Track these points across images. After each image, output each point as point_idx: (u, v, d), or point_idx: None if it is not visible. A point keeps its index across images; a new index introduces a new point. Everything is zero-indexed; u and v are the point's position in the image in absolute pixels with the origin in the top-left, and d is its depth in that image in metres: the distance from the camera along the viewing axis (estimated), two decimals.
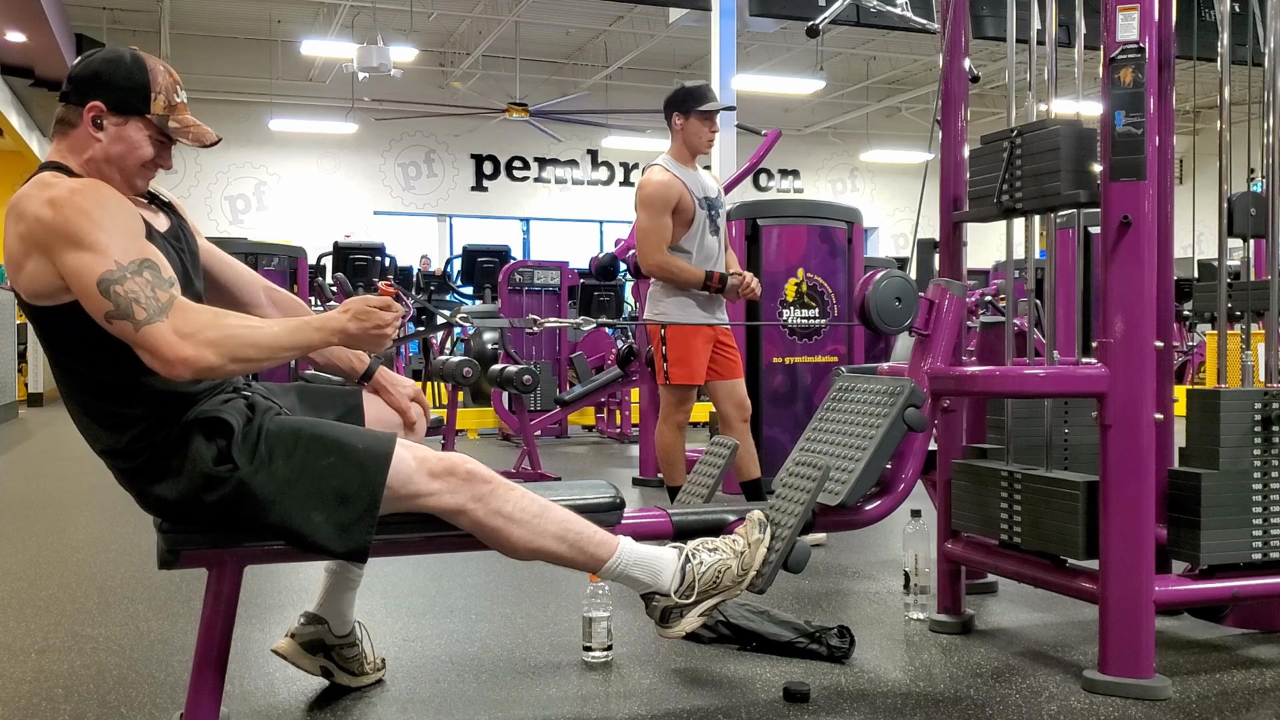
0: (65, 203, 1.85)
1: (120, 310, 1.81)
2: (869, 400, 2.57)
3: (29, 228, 1.87)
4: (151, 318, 1.81)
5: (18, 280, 1.92)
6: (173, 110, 2.00)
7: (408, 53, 13.42)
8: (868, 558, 3.87)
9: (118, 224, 1.88)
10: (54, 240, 1.84)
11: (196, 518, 1.99)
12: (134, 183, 2.02)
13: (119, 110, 1.97)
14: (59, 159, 2.00)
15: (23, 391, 11.99)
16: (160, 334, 1.81)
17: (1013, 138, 2.65)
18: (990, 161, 2.73)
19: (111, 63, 1.98)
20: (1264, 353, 2.70)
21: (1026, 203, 2.63)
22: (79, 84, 1.98)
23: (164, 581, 3.52)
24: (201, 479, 1.94)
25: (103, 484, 6.17)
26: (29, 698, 2.44)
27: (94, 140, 1.97)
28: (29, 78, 11.04)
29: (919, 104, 18.22)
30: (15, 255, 1.89)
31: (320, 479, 1.96)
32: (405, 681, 2.54)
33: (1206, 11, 8.26)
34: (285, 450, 1.98)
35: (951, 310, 2.69)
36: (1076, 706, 2.33)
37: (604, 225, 18.38)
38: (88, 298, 1.83)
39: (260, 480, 1.95)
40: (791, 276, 5.52)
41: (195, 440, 1.96)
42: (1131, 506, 2.41)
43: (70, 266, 1.84)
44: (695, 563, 2.18)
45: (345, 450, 1.98)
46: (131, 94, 1.97)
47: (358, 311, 1.96)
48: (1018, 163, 2.65)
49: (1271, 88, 2.68)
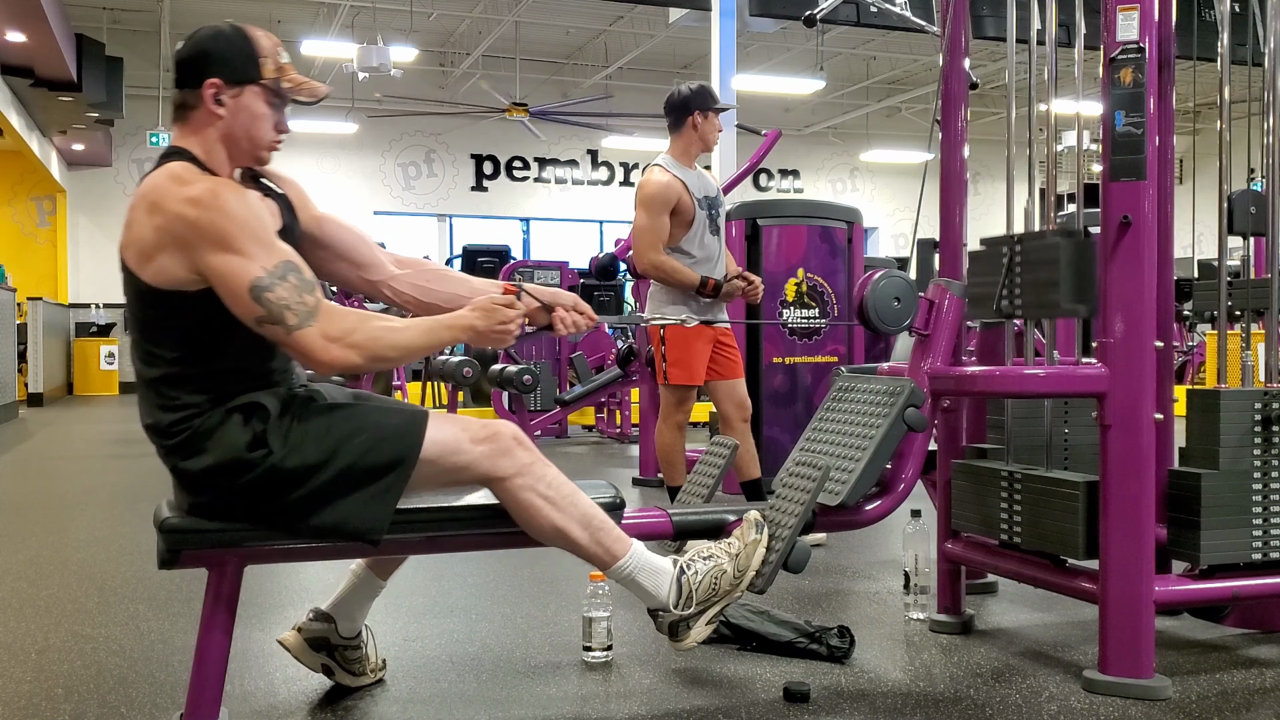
0: (209, 204, 1.89)
1: (272, 316, 1.90)
2: (869, 400, 2.57)
3: (168, 223, 1.91)
4: (302, 323, 1.91)
5: (141, 267, 1.95)
6: (281, 72, 2.05)
7: (408, 53, 13.42)
8: (868, 558, 3.87)
9: (259, 226, 1.94)
10: (199, 241, 1.89)
11: (223, 500, 2.01)
12: (260, 153, 2.07)
13: (234, 81, 2.00)
14: (183, 144, 2.03)
15: (23, 391, 11.99)
16: (311, 339, 1.92)
17: (1013, 245, 2.70)
18: (991, 264, 2.77)
19: (215, 38, 2.02)
20: (1264, 352, 2.70)
21: (1026, 311, 2.66)
22: (190, 65, 2.01)
23: (164, 581, 3.52)
24: (233, 463, 1.96)
25: (103, 484, 6.20)
26: (29, 698, 2.44)
27: (216, 117, 2.01)
28: (29, 78, 11.02)
29: (919, 104, 18.21)
30: (147, 245, 1.93)
31: (353, 458, 1.98)
32: (405, 681, 2.54)
33: (1206, 11, 8.26)
34: (318, 434, 1.99)
35: (951, 310, 2.69)
36: (1076, 706, 2.33)
37: (604, 225, 18.37)
38: (238, 301, 1.90)
39: (292, 463, 1.97)
40: (791, 276, 5.52)
41: (231, 423, 1.99)
42: (1131, 506, 2.41)
43: (217, 269, 1.90)
44: (690, 573, 2.19)
45: (378, 426, 2.01)
46: (243, 63, 2.00)
47: (487, 310, 2.06)
48: (1017, 270, 2.69)
49: (1271, 88, 2.68)
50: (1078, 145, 2.75)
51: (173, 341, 1.99)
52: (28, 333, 12.19)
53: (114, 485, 6.01)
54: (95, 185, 15.64)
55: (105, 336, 15.33)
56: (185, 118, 2.03)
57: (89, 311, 15.51)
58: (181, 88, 2.02)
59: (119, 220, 2.64)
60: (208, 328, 1.97)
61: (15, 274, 13.20)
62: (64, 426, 9.90)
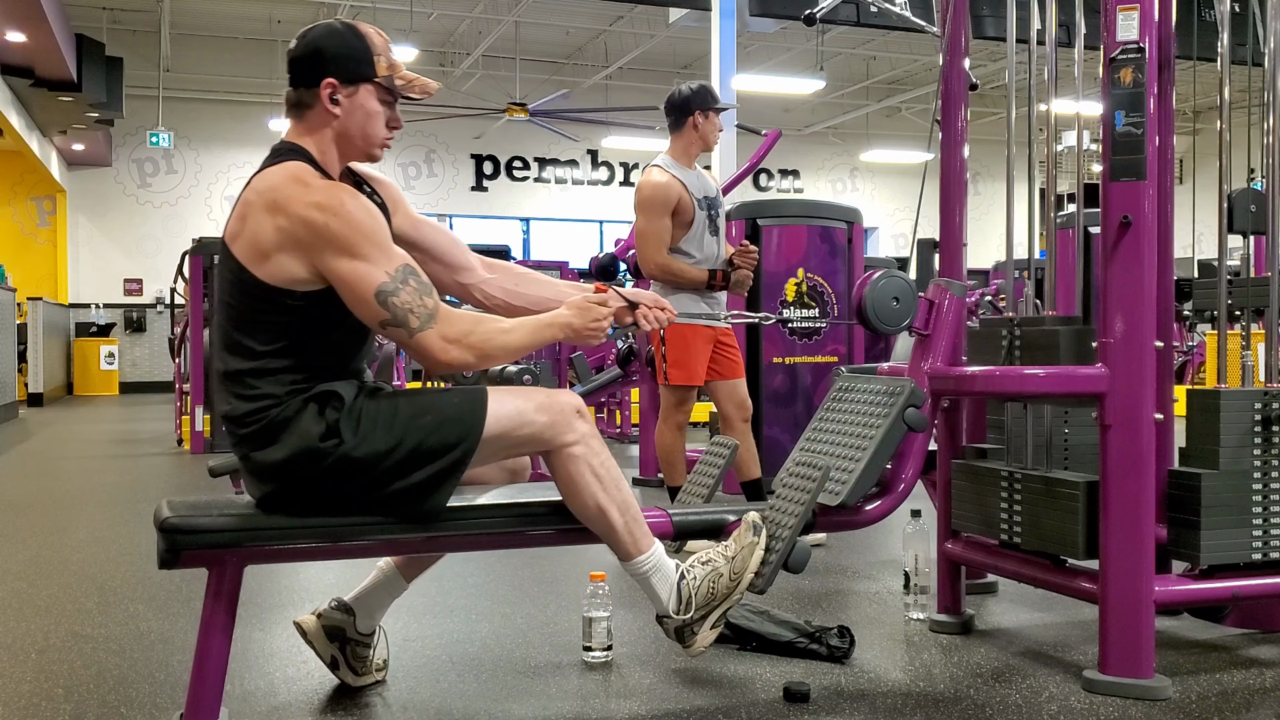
0: (335, 210, 1.96)
1: (396, 319, 1.99)
2: (869, 400, 2.57)
3: (292, 225, 1.97)
4: (423, 325, 2.00)
5: (256, 263, 2.00)
6: (394, 69, 2.09)
7: (408, 53, 13.42)
8: (868, 558, 3.87)
9: (380, 232, 2.00)
10: (324, 246, 1.96)
11: (295, 488, 2.04)
12: (373, 151, 2.12)
13: (349, 80, 2.05)
14: (298, 142, 2.08)
15: (23, 391, 11.99)
16: (432, 340, 2.01)
17: (1012, 329, 2.71)
18: (989, 345, 2.81)
19: (330, 36, 2.06)
20: (1264, 352, 2.70)
21: (1025, 394, 2.69)
22: (306, 64, 2.06)
23: (164, 581, 3.52)
24: (306, 451, 2.00)
25: (103, 484, 6.20)
26: (29, 698, 2.44)
27: (332, 116, 2.06)
28: (29, 78, 11.02)
29: (919, 104, 18.21)
30: (265, 243, 1.98)
31: (419, 438, 2.03)
32: (405, 681, 2.54)
33: (1206, 11, 8.26)
34: (386, 421, 2.04)
35: (951, 310, 2.69)
36: (1076, 706, 2.33)
37: (604, 225, 18.37)
38: (364, 305, 1.98)
39: (363, 452, 2.01)
40: (791, 276, 5.52)
41: (307, 413, 2.03)
42: (1131, 506, 2.41)
43: (343, 274, 1.97)
44: (689, 579, 2.21)
45: (440, 407, 2.06)
46: (357, 62, 2.05)
47: (581, 308, 2.16)
48: (1016, 353, 2.74)
49: (1271, 88, 2.68)
50: (1078, 145, 2.75)
51: (267, 335, 2.04)
52: (28, 333, 12.19)
53: (114, 485, 6.01)
54: (95, 185, 15.64)
55: (105, 336, 15.34)
56: (301, 115, 2.09)
57: (89, 311, 15.51)
58: (296, 86, 2.08)
59: (119, 220, 2.63)
60: (304, 325, 2.04)
61: (15, 274, 13.20)
62: (64, 426, 9.90)
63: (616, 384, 7.86)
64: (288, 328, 2.04)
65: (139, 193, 15.83)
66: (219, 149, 16.15)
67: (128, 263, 15.79)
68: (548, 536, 2.29)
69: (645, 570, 2.19)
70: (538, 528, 2.24)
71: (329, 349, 2.09)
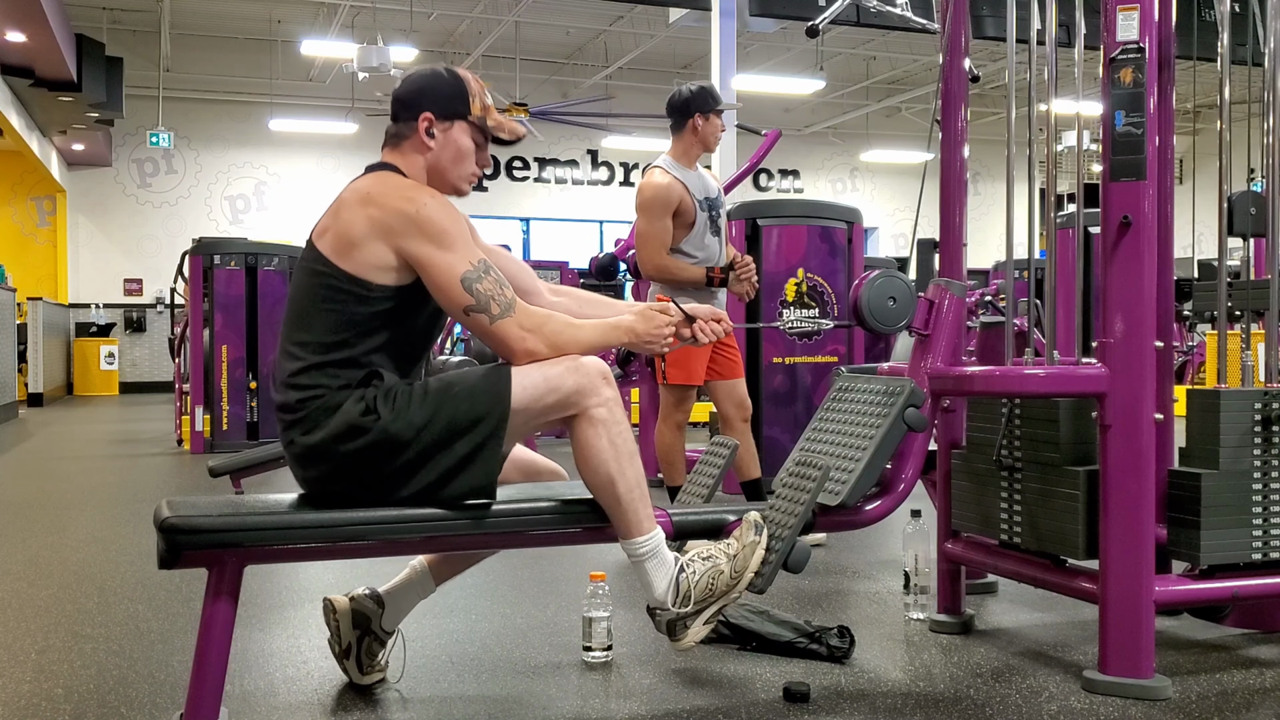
0: (426, 202, 2.11)
1: (480, 305, 2.10)
2: (869, 400, 2.57)
3: (384, 215, 2.10)
4: (504, 313, 2.12)
5: (341, 254, 2.10)
6: (486, 111, 2.24)
7: (408, 53, 13.42)
8: (868, 558, 3.87)
9: (464, 229, 2.15)
10: (416, 234, 2.09)
11: (338, 470, 2.09)
12: (461, 186, 2.27)
13: (446, 116, 2.22)
14: (390, 162, 2.23)
15: (23, 391, 12.00)
16: (510, 328, 2.12)
17: (1013, 401, 2.73)
18: (988, 413, 2.83)
19: (432, 77, 2.26)
20: (1264, 353, 2.70)
21: (1026, 468, 2.71)
22: (408, 101, 2.23)
23: (164, 581, 3.52)
24: (346, 428, 2.07)
25: (103, 484, 6.20)
26: (29, 698, 2.44)
27: (426, 148, 2.23)
28: (29, 78, 11.02)
29: (919, 104, 18.21)
30: (355, 233, 2.10)
31: (454, 410, 2.09)
32: (405, 681, 2.54)
33: (1206, 11, 8.27)
34: (419, 398, 2.10)
35: (951, 310, 2.69)
36: (1076, 706, 2.33)
37: (604, 225, 18.37)
38: (449, 289, 2.10)
39: (398, 427, 2.07)
40: (791, 276, 5.52)
41: (350, 398, 2.09)
42: (1131, 506, 2.41)
43: (430, 259, 2.09)
44: (689, 572, 2.22)
45: (467, 381, 2.13)
46: (454, 100, 2.23)
47: (645, 315, 2.30)
48: (1016, 424, 2.75)
49: (1271, 88, 2.68)
50: (1078, 145, 2.75)
51: (331, 328, 2.11)
52: (28, 333, 12.19)
53: (114, 485, 6.01)
54: (95, 185, 15.64)
55: (105, 336, 15.34)
56: (398, 145, 2.25)
57: (89, 311, 15.51)
58: (397, 120, 2.25)
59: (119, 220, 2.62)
60: (372, 320, 2.12)
61: (15, 274, 13.21)
62: (64, 426, 9.90)
63: (616, 384, 7.86)
64: (354, 321, 2.11)
65: (139, 193, 15.83)
66: (219, 149, 16.14)
67: (128, 263, 15.79)
68: (548, 536, 2.29)
69: (643, 553, 2.20)
70: (538, 528, 2.24)
71: (390, 348, 2.16)
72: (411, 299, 2.14)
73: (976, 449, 2.90)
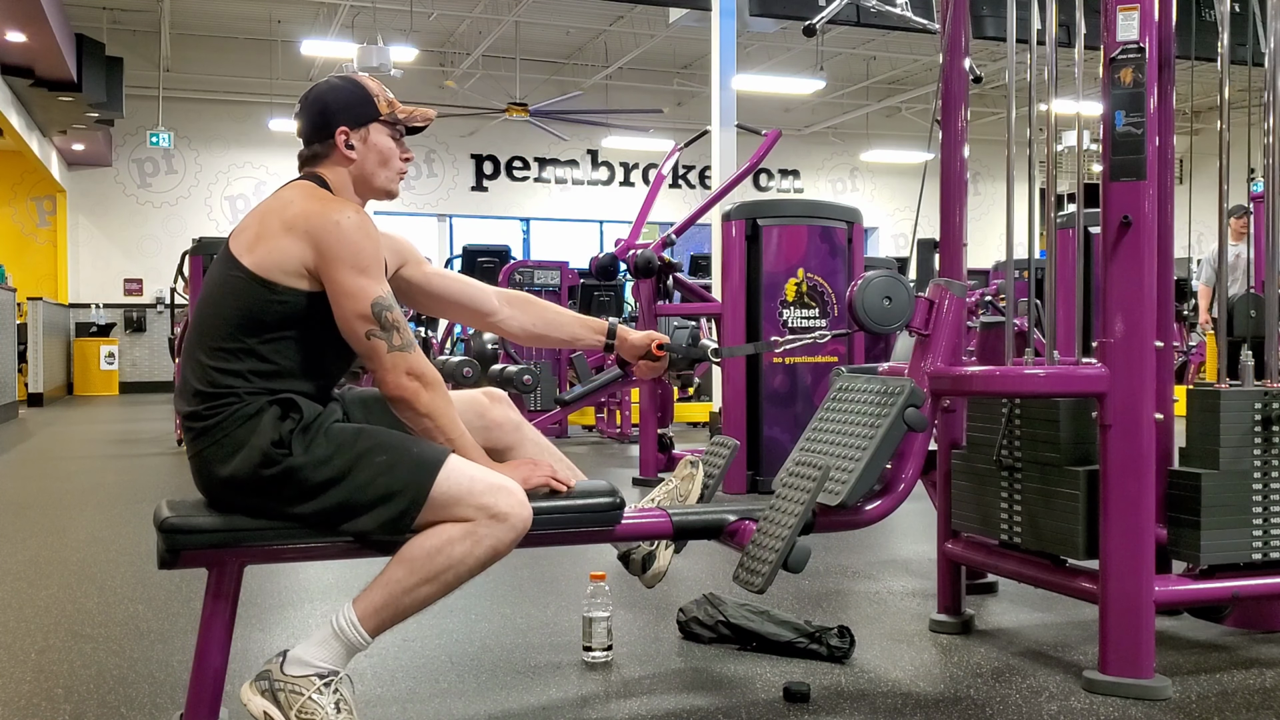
0: (345, 217, 2.05)
1: (384, 332, 2.04)
2: (869, 400, 2.57)
3: (305, 225, 2.03)
4: (405, 346, 2.05)
5: (256, 247, 2.05)
6: (393, 106, 2.21)
7: (408, 53, 13.41)
8: (868, 558, 3.87)
9: (380, 255, 2.10)
10: (328, 249, 2.03)
11: (241, 486, 2.01)
12: (391, 186, 2.23)
13: (359, 124, 2.18)
14: (317, 173, 2.18)
15: (23, 391, 11.99)
16: (405, 361, 2.05)
17: (1013, 401, 2.73)
18: (988, 412, 2.83)
19: (331, 91, 2.20)
20: (1264, 353, 2.70)
21: (1026, 468, 2.71)
22: (316, 120, 2.18)
23: (164, 581, 3.52)
24: (258, 454, 1.99)
25: (103, 484, 6.20)
26: (29, 698, 2.44)
27: (349, 160, 2.18)
28: (29, 78, 11.02)
29: (919, 104, 18.21)
30: (271, 229, 2.05)
31: (371, 474, 2.00)
32: (405, 681, 2.54)
33: (1206, 11, 8.27)
34: (344, 447, 2.02)
35: (951, 310, 2.69)
36: (1076, 706, 2.33)
37: (604, 225, 18.38)
38: (356, 311, 2.03)
39: (308, 472, 1.99)
40: (791, 276, 5.52)
41: (267, 416, 2.02)
42: (1131, 506, 2.41)
43: (344, 281, 2.03)
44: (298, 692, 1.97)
45: (400, 452, 2.03)
46: (363, 106, 2.18)
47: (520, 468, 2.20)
48: (1016, 424, 2.75)
49: (1271, 88, 2.68)
50: (1078, 145, 2.75)
51: (240, 326, 2.05)
52: (28, 333, 12.19)
53: (114, 485, 6.01)
54: (95, 185, 15.64)
55: (105, 336, 15.34)
56: (317, 164, 2.19)
57: (89, 311, 15.51)
58: (311, 144, 2.20)
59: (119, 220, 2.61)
60: (282, 325, 2.06)
61: (15, 274, 13.20)
62: (64, 426, 9.90)
63: (616, 384, 7.86)
64: (263, 324, 2.04)
65: (139, 193, 15.83)
66: (219, 149, 16.14)
67: (128, 263, 15.79)
68: (548, 536, 2.28)
69: (340, 627, 2.00)
70: (539, 528, 2.24)
71: (300, 354, 2.08)
72: (324, 307, 2.06)
73: (976, 449, 2.91)
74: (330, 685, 1.97)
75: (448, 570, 2.00)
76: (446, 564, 2.00)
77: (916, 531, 4.29)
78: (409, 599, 2.01)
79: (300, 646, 2.01)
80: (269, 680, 1.98)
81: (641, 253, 5.75)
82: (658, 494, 2.52)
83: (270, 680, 1.98)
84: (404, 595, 2.01)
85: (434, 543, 2.00)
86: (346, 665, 2.01)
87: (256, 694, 1.99)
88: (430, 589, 2.01)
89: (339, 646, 2.00)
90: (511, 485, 2.06)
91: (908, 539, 4.21)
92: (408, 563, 2.00)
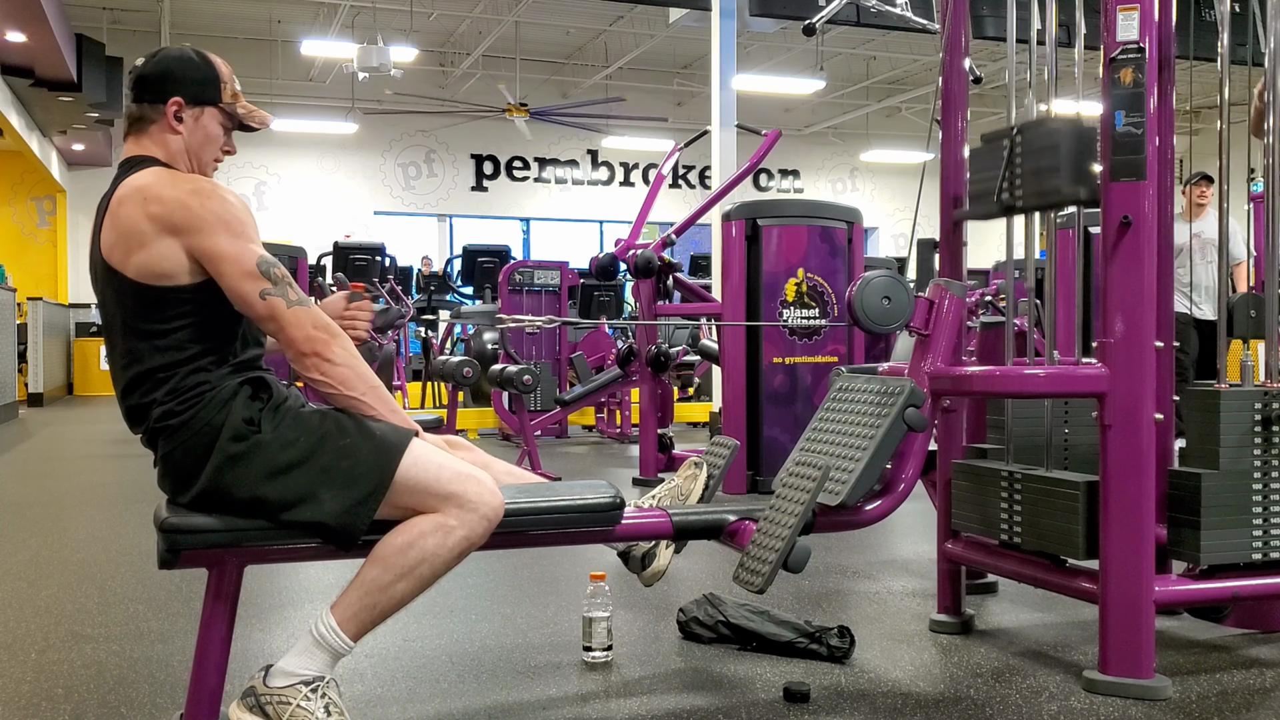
0: (210, 193, 2.01)
1: (278, 289, 1.98)
2: (869, 400, 2.57)
3: (169, 210, 1.97)
4: (302, 300, 2.01)
5: (131, 257, 1.98)
6: (236, 98, 2.17)
7: (408, 53, 13.42)
8: (868, 558, 3.87)
9: (251, 219, 2.05)
10: (202, 225, 1.97)
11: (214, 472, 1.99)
12: (207, 170, 2.17)
13: (196, 102, 2.11)
14: (145, 153, 2.11)
15: (23, 391, 11.99)
16: (308, 315, 2.00)
17: (1013, 135, 2.64)
18: (990, 159, 2.73)
19: (181, 60, 2.13)
20: (1264, 353, 2.70)
21: (1026, 200, 2.62)
22: (154, 83, 2.10)
23: (164, 581, 3.52)
24: (230, 430, 1.98)
25: (103, 484, 6.19)
26: (29, 697, 2.44)
27: (175, 133, 2.11)
28: (29, 78, 11.03)
29: (919, 104, 18.21)
30: (141, 233, 1.98)
31: (335, 457, 1.98)
32: (405, 681, 2.54)
33: (1206, 11, 8.26)
34: (309, 429, 2.01)
35: (951, 310, 2.69)
36: (1076, 706, 2.33)
37: (604, 225, 18.38)
38: (244, 276, 1.97)
39: (274, 450, 1.98)
40: (791, 276, 5.52)
41: (239, 397, 2.01)
42: (1131, 506, 2.41)
43: (222, 250, 1.97)
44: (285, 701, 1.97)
45: (365, 433, 2.01)
46: (205, 86, 2.12)
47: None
48: (1018, 160, 2.64)
49: (1271, 88, 2.68)
50: None
51: (165, 331, 2.00)
52: (28, 333, 12.19)
53: (114, 485, 6.01)
54: (95, 185, 15.62)
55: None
56: (143, 129, 2.12)
57: (89, 311, 15.49)
58: (140, 102, 2.11)
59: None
60: (179, 321, 2.01)
61: (15, 274, 13.20)
62: (64, 426, 9.90)
63: (616, 384, 7.86)
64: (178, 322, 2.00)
65: None
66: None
67: None
68: (548, 536, 2.29)
69: (320, 634, 1.99)
70: (538, 528, 2.24)
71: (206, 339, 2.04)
72: (213, 294, 2.01)
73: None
74: (317, 690, 1.96)
75: (422, 564, 1.99)
76: (420, 557, 1.99)
77: (916, 531, 4.29)
78: (386, 598, 2.00)
79: (283, 659, 2.00)
80: (255, 696, 1.97)
81: (641, 253, 5.75)
82: (660, 491, 2.53)
83: (256, 696, 1.97)
84: (381, 594, 1.99)
85: (405, 538, 1.99)
86: (332, 671, 2.00)
87: (245, 711, 1.98)
88: (406, 585, 2.00)
89: (321, 654, 1.99)
90: (480, 474, 2.05)
91: (908, 539, 4.21)
92: (381, 561, 1.99)
